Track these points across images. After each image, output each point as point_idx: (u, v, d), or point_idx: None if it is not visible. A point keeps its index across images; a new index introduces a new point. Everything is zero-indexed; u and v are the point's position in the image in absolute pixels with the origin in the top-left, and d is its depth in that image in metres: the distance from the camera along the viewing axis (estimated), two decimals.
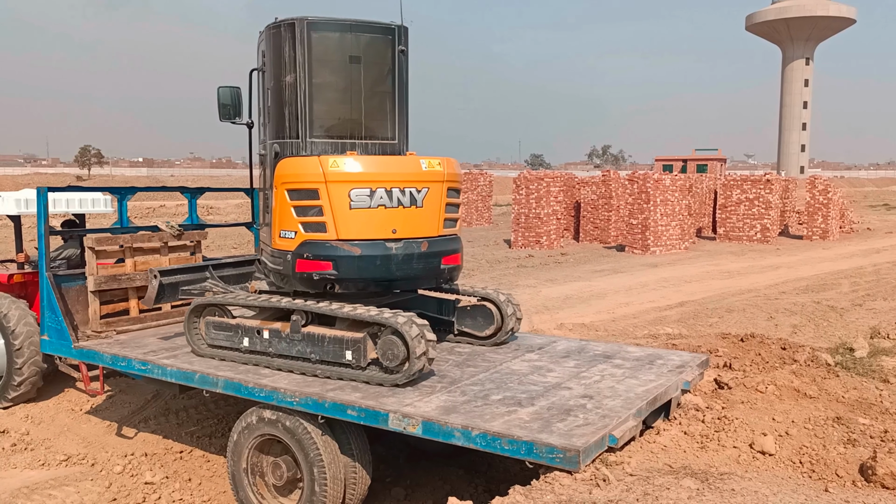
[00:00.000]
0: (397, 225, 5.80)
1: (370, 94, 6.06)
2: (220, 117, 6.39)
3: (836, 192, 27.69)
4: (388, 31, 6.05)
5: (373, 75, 6.06)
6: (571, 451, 4.24)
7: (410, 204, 5.84)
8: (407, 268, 5.86)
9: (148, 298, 6.71)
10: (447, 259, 6.11)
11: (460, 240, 6.33)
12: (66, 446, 7.27)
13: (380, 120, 6.12)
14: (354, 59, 5.98)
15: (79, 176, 77.62)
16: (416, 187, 5.87)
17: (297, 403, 5.29)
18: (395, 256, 5.78)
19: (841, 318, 12.24)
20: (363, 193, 5.67)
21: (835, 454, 4.74)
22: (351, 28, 5.96)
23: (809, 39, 78.80)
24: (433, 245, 5.99)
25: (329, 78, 5.97)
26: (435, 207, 6.02)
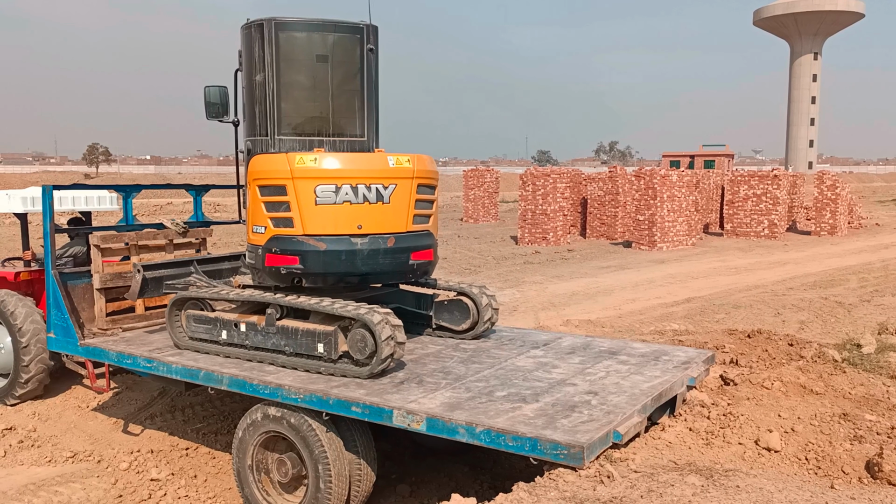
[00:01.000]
0: (363, 220, 5.92)
1: (338, 92, 6.19)
2: (206, 116, 6.52)
3: (845, 188, 27.54)
4: (356, 30, 6.14)
5: (341, 74, 6.18)
6: (575, 448, 4.23)
7: (377, 200, 5.94)
8: (373, 263, 5.98)
9: (132, 292, 6.85)
10: (416, 255, 6.19)
11: (433, 236, 6.37)
12: (73, 443, 7.31)
13: (348, 118, 6.23)
14: (322, 57, 6.12)
15: (87, 174, 77.98)
16: (382, 184, 5.96)
17: (302, 400, 5.30)
18: (361, 252, 5.92)
19: (849, 315, 12.17)
20: (328, 189, 5.79)
21: (841, 451, 4.71)
22: (318, 27, 6.10)
23: (817, 34, 78.39)
24: (400, 241, 6.07)
25: (296, 77, 6.14)
26: (403, 203, 6.08)
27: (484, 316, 6.87)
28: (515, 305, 13.46)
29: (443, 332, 7.07)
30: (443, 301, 7.07)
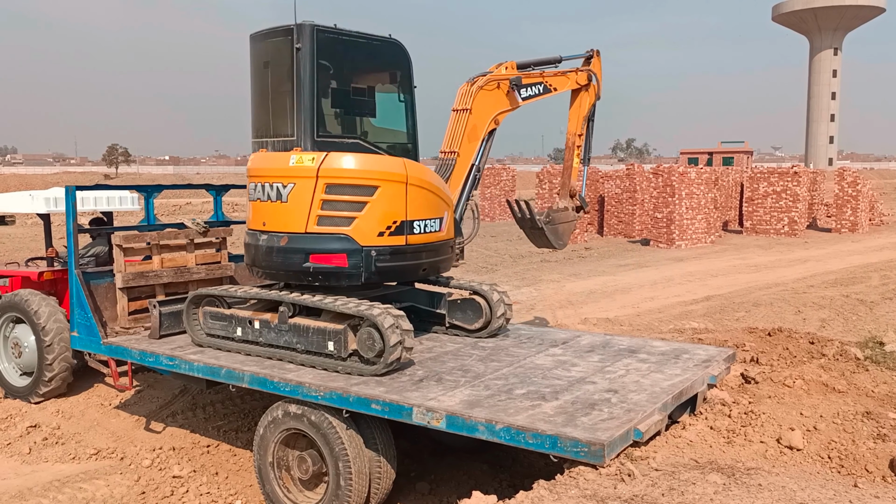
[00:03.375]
0: (267, 218, 6.24)
1: (276, 94, 6.41)
2: None
3: (866, 184, 27.22)
4: (287, 32, 6.18)
5: (278, 77, 6.36)
6: (596, 445, 4.23)
7: (276, 198, 6.13)
8: (268, 260, 6.20)
9: (153, 330, 7.05)
10: (316, 258, 6.03)
11: (347, 240, 5.99)
12: (96, 440, 7.39)
13: (283, 118, 6.32)
14: (266, 64, 6.47)
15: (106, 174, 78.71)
16: (281, 182, 6.09)
17: (322, 398, 5.33)
18: (261, 247, 6.24)
19: (870, 312, 12.04)
20: (252, 187, 6.41)
21: (864, 449, 4.67)
22: (265, 36, 6.41)
23: (837, 29, 77.54)
24: (295, 241, 6.05)
25: (255, 85, 6.58)
26: (303, 203, 6.01)
27: (496, 313, 6.90)
28: (533, 304, 13.44)
29: (457, 330, 7.09)
30: (456, 300, 7.11)
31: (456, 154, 6.96)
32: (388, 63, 6.69)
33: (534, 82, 7.39)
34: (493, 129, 7.26)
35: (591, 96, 8.04)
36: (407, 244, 6.16)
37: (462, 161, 7.00)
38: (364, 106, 6.60)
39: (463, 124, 6.94)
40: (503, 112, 7.29)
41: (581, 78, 7.87)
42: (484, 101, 7.05)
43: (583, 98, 8.00)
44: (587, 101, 8.02)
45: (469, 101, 6.94)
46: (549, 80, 7.57)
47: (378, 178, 6.06)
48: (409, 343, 5.67)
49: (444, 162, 7.00)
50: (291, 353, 6.06)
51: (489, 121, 7.15)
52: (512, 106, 7.27)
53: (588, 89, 7.97)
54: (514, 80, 7.12)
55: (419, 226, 6.25)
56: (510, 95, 7.19)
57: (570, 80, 7.81)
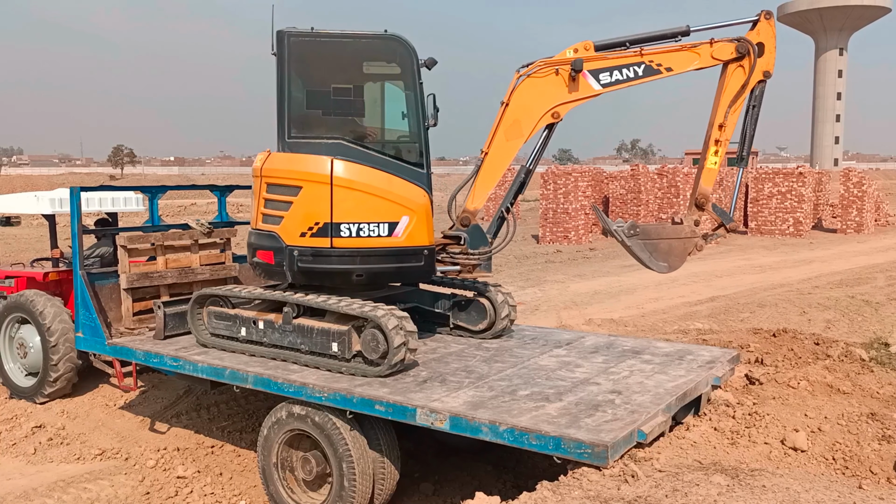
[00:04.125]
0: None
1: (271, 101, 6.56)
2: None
3: (871, 185, 27.14)
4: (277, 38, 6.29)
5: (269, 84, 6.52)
6: (600, 447, 4.22)
7: (252, 197, 6.48)
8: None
9: (158, 331, 7.05)
10: (259, 254, 6.27)
11: (276, 238, 6.12)
12: (101, 441, 7.41)
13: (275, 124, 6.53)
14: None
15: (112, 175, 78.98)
16: (253, 182, 6.44)
17: (326, 399, 5.34)
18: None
19: (876, 313, 12.00)
20: None
21: (869, 450, 4.66)
22: None
23: (843, 29, 77.29)
24: (250, 237, 6.43)
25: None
26: (255, 201, 6.37)
27: (500, 314, 6.90)
28: (537, 304, 13.44)
29: (461, 331, 7.09)
30: (460, 301, 7.11)
31: (483, 153, 6.44)
32: (386, 60, 6.47)
33: (623, 63, 6.29)
34: (551, 124, 6.48)
35: (748, 74, 6.40)
36: (332, 247, 6.04)
37: (492, 161, 6.42)
38: (348, 105, 6.42)
39: (497, 119, 6.37)
40: (566, 103, 6.39)
41: (721, 51, 6.37)
42: (530, 91, 6.29)
43: (732, 76, 6.43)
44: (737, 81, 6.42)
45: (508, 93, 6.28)
46: (656, 57, 6.31)
47: (300, 179, 6.12)
48: (413, 344, 5.67)
49: (477, 163, 6.53)
50: (295, 353, 6.07)
51: (542, 114, 6.34)
52: (582, 95, 6.34)
53: (742, 64, 6.40)
54: (576, 63, 6.21)
55: (348, 229, 6.03)
56: (577, 83, 6.28)
57: (701, 57, 6.39)
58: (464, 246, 6.46)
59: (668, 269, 6.46)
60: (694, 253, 6.43)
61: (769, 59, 6.45)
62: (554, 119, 6.35)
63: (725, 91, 6.42)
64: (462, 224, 6.48)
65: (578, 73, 6.21)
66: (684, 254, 6.49)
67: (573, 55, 6.25)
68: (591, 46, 6.25)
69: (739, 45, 6.34)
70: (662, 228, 6.54)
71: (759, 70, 6.40)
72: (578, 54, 6.26)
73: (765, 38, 6.39)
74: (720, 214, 6.64)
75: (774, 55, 6.42)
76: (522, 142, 6.34)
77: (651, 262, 6.40)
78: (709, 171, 6.58)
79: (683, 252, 6.51)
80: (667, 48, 6.31)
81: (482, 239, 6.47)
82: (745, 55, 6.36)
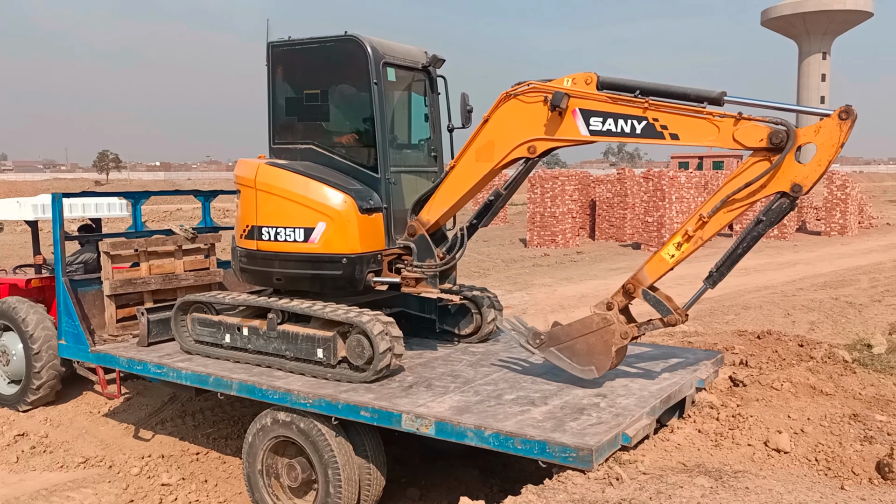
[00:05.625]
0: None
1: None
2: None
3: (855, 187, 27.37)
4: None
5: None
6: (584, 451, 4.24)
7: None
8: None
9: (141, 337, 7.00)
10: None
11: (233, 239, 6.61)
12: (85, 448, 7.35)
13: None
14: None
15: (97, 180, 78.43)
16: None
17: (311, 405, 5.32)
18: None
19: (859, 315, 12.10)
20: None
21: (851, 452, 4.69)
22: None
23: (826, 34, 78.05)
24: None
25: None
26: None
27: (487, 318, 6.90)
28: (525, 308, 13.45)
29: (448, 336, 7.07)
30: (446, 305, 7.09)
31: (449, 166, 5.88)
32: (345, 62, 6.33)
33: (622, 113, 5.05)
34: (526, 160, 5.56)
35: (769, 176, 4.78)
36: (258, 249, 6.30)
37: (456, 177, 5.79)
38: (316, 111, 6.50)
39: (473, 135, 5.66)
40: (545, 140, 5.35)
41: (747, 135, 4.77)
42: (513, 114, 5.43)
43: (751, 167, 4.86)
44: (759, 180, 4.81)
45: (491, 110, 5.54)
46: (663, 117, 4.95)
47: (238, 183, 6.49)
48: (399, 350, 5.66)
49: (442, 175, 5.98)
50: (280, 360, 6.05)
51: (518, 143, 5.44)
52: (565, 136, 5.26)
53: (772, 159, 4.75)
54: (556, 96, 5.13)
55: (268, 233, 6.18)
56: (564, 121, 5.23)
57: (720, 133, 4.85)
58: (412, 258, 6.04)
59: (597, 371, 5.33)
60: (621, 342, 5.32)
61: (809, 171, 4.74)
62: (530, 154, 5.44)
63: (734, 181, 4.94)
64: (409, 234, 6.00)
65: (558, 110, 5.19)
66: (609, 348, 5.28)
67: (569, 86, 5.20)
68: (593, 80, 5.14)
69: (774, 133, 4.70)
70: (570, 327, 5.52)
71: (787, 178, 4.77)
72: (575, 86, 5.19)
73: (821, 142, 4.68)
74: (654, 304, 5.29)
75: (823, 169, 4.70)
76: (491, 167, 5.57)
77: (574, 370, 5.42)
78: (658, 261, 5.30)
79: (607, 346, 5.29)
80: (680, 109, 4.92)
81: (428, 252, 5.94)
82: (777, 150, 4.73)
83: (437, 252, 5.98)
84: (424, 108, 6.91)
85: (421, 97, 6.88)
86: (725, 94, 4.87)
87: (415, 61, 6.61)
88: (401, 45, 6.53)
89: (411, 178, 6.61)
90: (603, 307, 5.40)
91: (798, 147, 4.76)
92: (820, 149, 4.70)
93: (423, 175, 6.78)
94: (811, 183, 4.75)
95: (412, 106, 6.95)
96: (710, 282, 5.26)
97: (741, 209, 4.97)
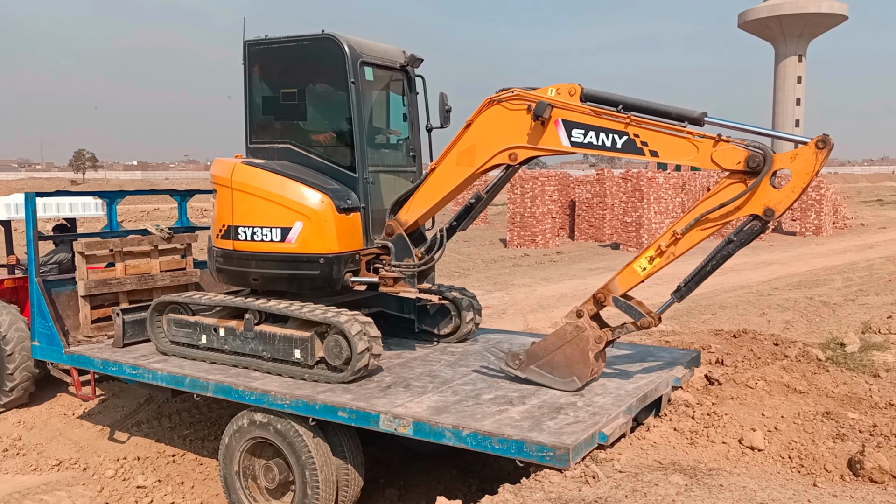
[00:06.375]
0: None
1: None
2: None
3: (830, 188, 27.76)
4: None
5: None
6: (561, 449, 4.26)
7: None
8: None
9: (116, 338, 6.92)
10: None
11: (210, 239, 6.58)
12: (59, 451, 7.26)
13: None
14: None
15: (73, 180, 77.45)
16: None
17: (288, 406, 5.29)
18: None
19: (833, 314, 12.27)
20: None
21: (823, 449, 4.75)
22: None
23: (802, 36, 78.96)
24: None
25: None
26: None
27: (465, 318, 6.90)
28: (504, 308, 13.49)
29: (427, 335, 7.07)
30: (425, 305, 7.08)
31: (430, 168, 5.90)
32: (322, 61, 6.31)
33: (603, 127, 5.10)
34: (507, 166, 5.63)
35: (744, 199, 4.90)
36: (234, 249, 6.27)
37: (436, 179, 5.79)
38: (293, 110, 6.48)
39: (455, 139, 5.66)
40: (526, 148, 5.39)
41: (724, 158, 4.87)
42: (495, 120, 5.45)
43: (727, 189, 4.98)
44: (729, 198, 4.95)
45: (474, 114, 5.55)
46: (644, 134, 5.01)
47: (214, 182, 6.44)
48: (377, 350, 5.65)
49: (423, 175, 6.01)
50: (257, 360, 6.01)
51: (499, 150, 5.47)
52: (546, 145, 5.31)
53: (747, 182, 4.87)
54: (539, 106, 5.18)
55: (245, 232, 6.16)
56: (546, 130, 5.26)
57: (698, 153, 4.92)
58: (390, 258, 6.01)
59: (579, 381, 5.31)
60: (597, 347, 5.37)
61: (782, 196, 4.84)
62: (511, 161, 5.48)
63: (709, 200, 5.06)
64: (387, 234, 5.98)
65: (541, 119, 5.22)
66: (587, 355, 5.29)
67: (553, 96, 5.22)
68: (577, 92, 5.17)
69: (751, 157, 4.81)
70: (546, 342, 5.53)
71: (760, 202, 4.87)
72: (559, 97, 5.21)
73: (796, 169, 4.79)
74: (625, 310, 5.41)
75: (796, 196, 4.83)
76: (471, 171, 5.59)
77: (558, 384, 5.38)
78: (630, 273, 5.39)
79: (584, 354, 5.31)
80: (661, 126, 4.98)
81: (407, 251, 5.91)
82: (754, 173, 4.83)
83: (416, 252, 5.97)
84: (403, 108, 6.89)
85: (399, 97, 6.86)
86: (706, 114, 4.97)
87: (393, 61, 6.59)
88: (378, 45, 6.51)
89: (389, 178, 6.59)
90: (573, 315, 5.47)
91: (773, 172, 4.86)
92: (795, 175, 4.82)
93: (402, 175, 6.77)
94: (784, 208, 4.86)
95: (390, 105, 6.92)
96: (678, 296, 5.42)
97: (714, 228, 5.09)
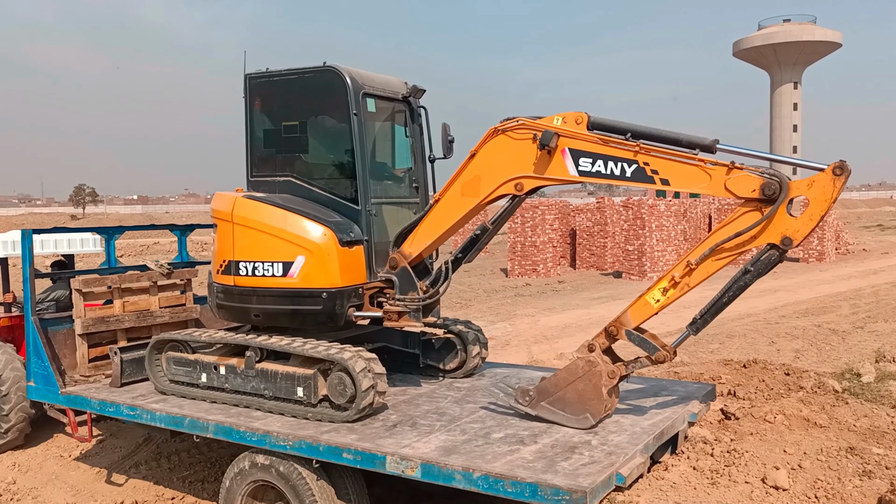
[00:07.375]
0: None
1: None
2: None
3: (831, 214, 27.68)
4: None
5: None
6: (578, 493, 4.06)
7: None
8: None
9: (114, 378, 6.73)
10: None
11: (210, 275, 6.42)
12: (54, 496, 7.04)
13: None
14: None
15: (73, 215, 77.52)
16: None
17: (291, 447, 5.11)
18: None
19: (843, 342, 12.08)
20: None
21: (850, 487, 4.57)
22: None
23: (796, 64, 79.60)
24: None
25: None
26: None
27: (472, 352, 6.74)
28: (508, 339, 13.30)
29: (432, 371, 6.89)
30: (430, 339, 6.91)
31: (434, 199, 5.78)
32: (324, 93, 6.25)
33: (612, 155, 5.00)
34: (513, 196, 5.55)
35: (760, 228, 4.77)
36: (235, 285, 6.10)
37: (440, 211, 5.68)
38: (295, 143, 6.40)
39: (460, 169, 5.57)
40: (533, 178, 5.29)
41: (739, 185, 4.75)
42: (501, 150, 5.36)
43: (742, 217, 4.86)
44: (749, 231, 4.80)
45: (478, 144, 5.47)
46: (654, 162, 4.90)
47: (215, 217, 6.31)
48: (382, 387, 5.48)
49: (427, 207, 5.90)
50: (259, 399, 5.83)
51: (505, 180, 5.38)
52: (553, 175, 5.21)
53: (764, 210, 4.74)
54: (545, 135, 5.08)
55: (245, 267, 5.99)
56: (553, 159, 5.17)
57: (711, 181, 4.82)
58: (394, 291, 5.87)
59: (592, 418, 5.12)
60: (610, 382, 5.20)
61: (800, 225, 4.69)
62: (517, 191, 5.38)
63: (724, 229, 4.92)
64: (391, 267, 5.85)
65: (547, 148, 5.11)
66: (600, 391, 5.12)
67: (559, 125, 5.14)
68: (584, 120, 5.09)
69: (767, 184, 4.66)
70: (557, 377, 5.37)
71: (777, 231, 4.72)
72: (566, 126, 5.13)
73: (813, 197, 4.64)
74: (639, 344, 5.22)
75: (814, 223, 4.68)
76: (476, 202, 5.49)
77: (570, 421, 5.19)
78: (643, 305, 5.24)
79: (597, 390, 5.13)
80: (672, 154, 4.87)
81: (411, 285, 5.79)
82: (769, 201, 4.70)
83: (420, 285, 5.84)
84: (405, 139, 6.80)
85: (402, 128, 6.78)
86: (718, 141, 4.84)
87: (395, 92, 6.51)
88: (380, 76, 6.44)
89: (393, 210, 6.47)
90: (585, 350, 5.31)
91: (790, 200, 4.71)
92: (812, 203, 4.67)
93: (405, 206, 6.65)
94: (802, 237, 4.71)
95: (393, 137, 6.83)
96: (694, 328, 5.24)
97: (730, 258, 4.95)
